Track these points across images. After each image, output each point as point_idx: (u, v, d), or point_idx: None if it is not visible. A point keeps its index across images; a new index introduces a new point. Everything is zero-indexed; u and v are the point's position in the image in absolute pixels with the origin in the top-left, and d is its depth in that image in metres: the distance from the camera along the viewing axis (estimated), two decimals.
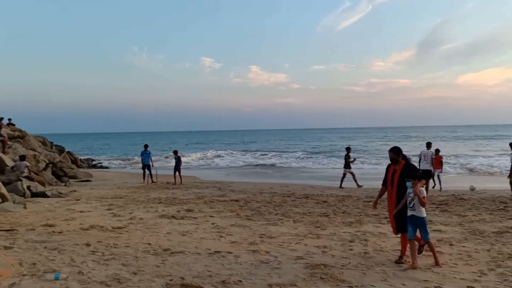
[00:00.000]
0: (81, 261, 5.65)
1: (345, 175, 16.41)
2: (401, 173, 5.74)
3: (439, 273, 5.20)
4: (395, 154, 5.88)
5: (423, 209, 5.50)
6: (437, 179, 14.86)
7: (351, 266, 5.56)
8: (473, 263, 5.63)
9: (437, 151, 14.96)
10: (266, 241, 7.05)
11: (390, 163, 6.02)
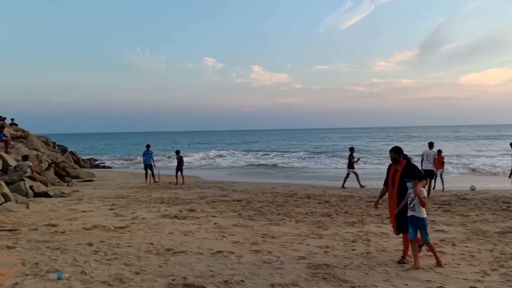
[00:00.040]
0: (84, 260, 5.66)
1: (349, 175, 16.40)
2: (402, 173, 5.74)
3: (441, 273, 5.18)
4: (396, 154, 5.89)
5: (424, 210, 5.48)
6: (440, 179, 14.85)
7: (353, 266, 5.55)
8: (475, 263, 5.62)
9: (439, 152, 14.97)
10: (268, 241, 7.04)
11: (391, 163, 6.03)
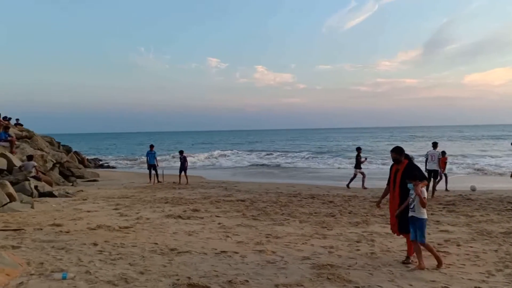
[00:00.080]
0: (88, 260, 5.68)
1: (356, 176, 16.30)
2: (403, 173, 5.74)
3: (446, 273, 5.17)
4: (397, 154, 5.89)
5: (424, 211, 5.45)
6: (444, 179, 14.77)
7: (357, 266, 5.54)
8: (480, 264, 5.60)
9: (443, 153, 14.90)
10: (272, 241, 7.04)
11: (393, 163, 6.02)
